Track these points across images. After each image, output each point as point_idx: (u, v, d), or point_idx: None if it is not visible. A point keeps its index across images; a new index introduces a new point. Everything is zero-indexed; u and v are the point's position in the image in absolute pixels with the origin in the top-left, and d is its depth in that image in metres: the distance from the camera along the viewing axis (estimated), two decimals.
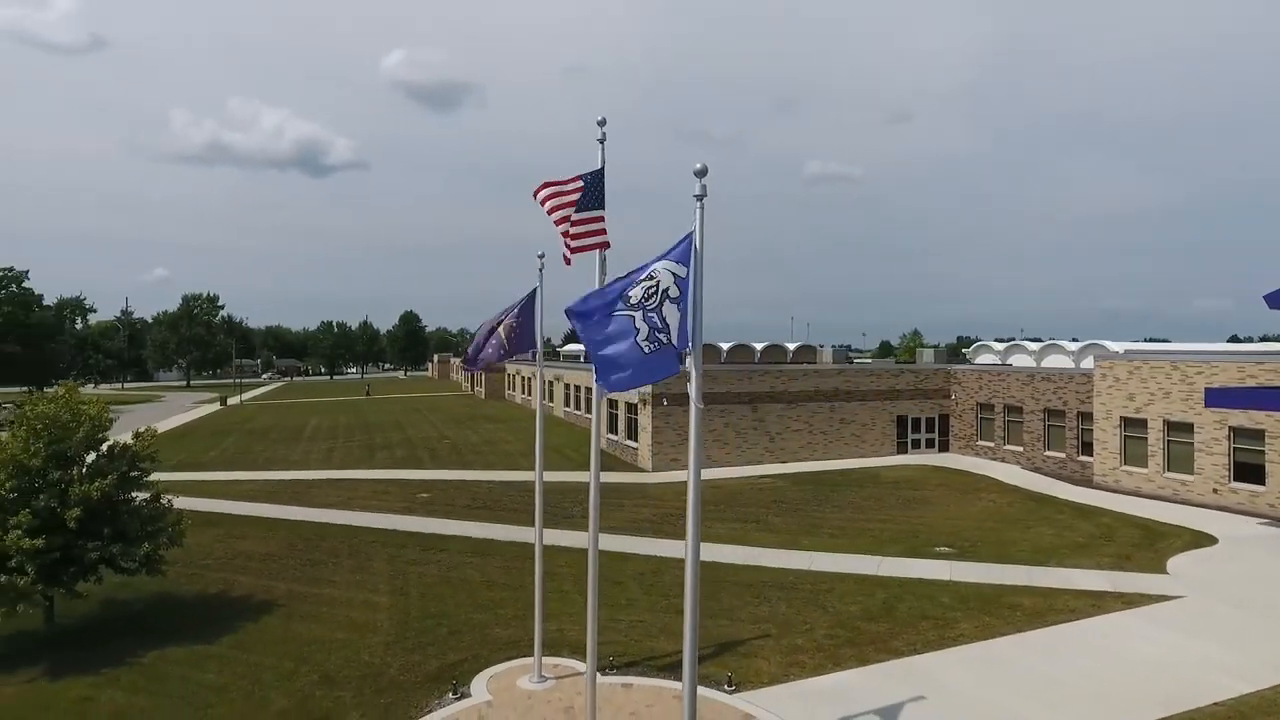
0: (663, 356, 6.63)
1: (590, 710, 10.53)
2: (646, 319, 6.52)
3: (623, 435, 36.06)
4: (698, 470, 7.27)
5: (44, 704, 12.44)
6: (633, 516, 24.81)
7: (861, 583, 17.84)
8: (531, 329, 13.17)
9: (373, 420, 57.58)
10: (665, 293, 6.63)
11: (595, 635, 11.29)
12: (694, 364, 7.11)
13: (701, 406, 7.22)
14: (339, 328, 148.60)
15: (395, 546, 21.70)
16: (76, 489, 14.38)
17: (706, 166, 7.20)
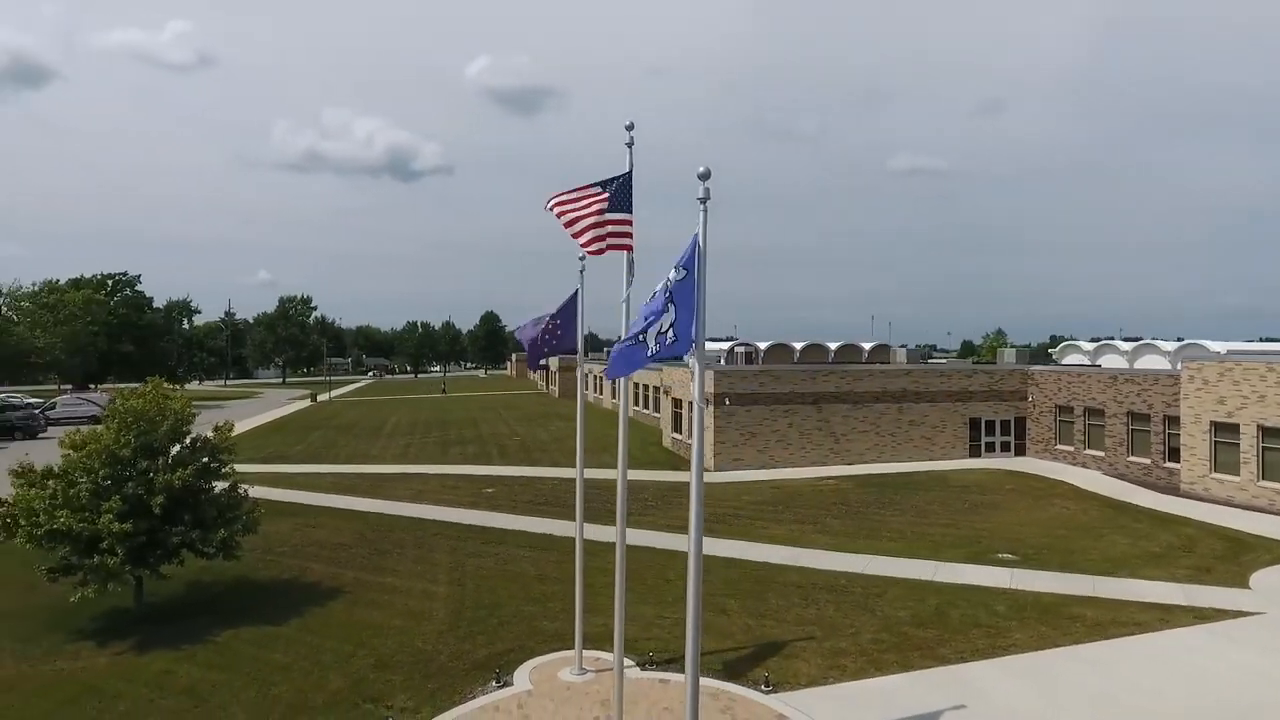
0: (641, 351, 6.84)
1: (618, 701, 10.76)
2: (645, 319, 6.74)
3: (686, 434, 36.18)
4: (700, 468, 7.41)
5: (129, 676, 13.53)
6: (682, 515, 24.86)
7: (915, 588, 17.49)
8: (573, 330, 13.50)
9: (449, 417, 59.47)
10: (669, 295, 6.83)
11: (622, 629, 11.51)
12: (697, 363, 7.26)
13: (704, 405, 7.36)
14: (423, 328, 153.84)
15: (457, 539, 22.49)
16: (161, 478, 15.55)
17: (709, 170, 7.33)
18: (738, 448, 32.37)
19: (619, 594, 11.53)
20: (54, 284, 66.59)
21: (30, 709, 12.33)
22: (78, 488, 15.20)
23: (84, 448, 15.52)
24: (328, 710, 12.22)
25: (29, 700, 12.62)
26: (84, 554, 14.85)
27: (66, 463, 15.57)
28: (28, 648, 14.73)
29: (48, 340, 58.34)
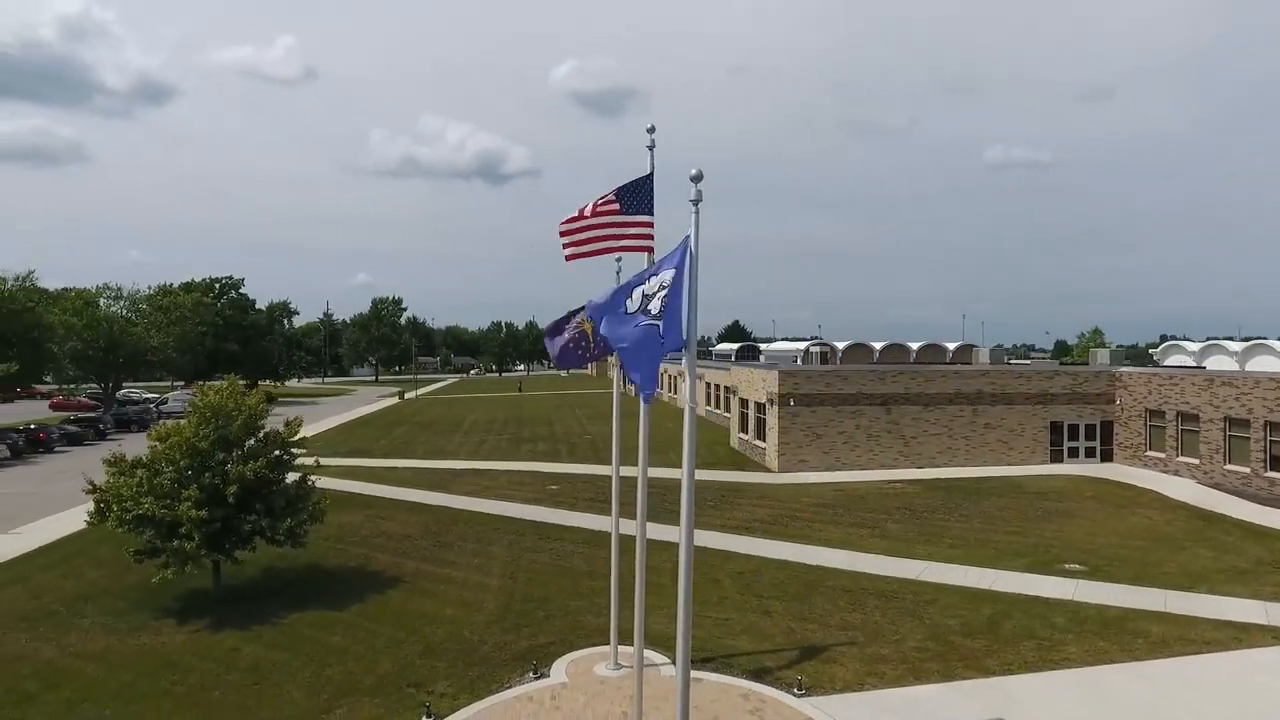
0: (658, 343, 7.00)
1: (638, 699, 10.93)
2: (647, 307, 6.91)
3: (752, 435, 35.95)
4: (691, 464, 7.50)
5: (201, 652, 14.59)
6: (747, 516, 24.84)
7: (970, 596, 16.95)
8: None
9: (526, 415, 60.86)
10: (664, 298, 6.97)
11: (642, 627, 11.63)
12: (688, 364, 7.36)
13: (694, 405, 7.45)
14: (507, 327, 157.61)
15: (516, 534, 23.12)
16: (235, 469, 16.67)
17: (702, 173, 7.42)
18: (802, 449, 31.94)
19: (639, 592, 11.69)
20: (167, 288, 71.77)
21: (113, 679, 13.46)
22: (162, 477, 16.46)
23: (167, 440, 16.80)
24: (373, 692, 12.86)
25: (113, 671, 13.79)
26: (165, 538, 16.08)
27: (153, 454, 16.89)
28: (117, 622, 16.06)
29: (161, 340, 62.84)
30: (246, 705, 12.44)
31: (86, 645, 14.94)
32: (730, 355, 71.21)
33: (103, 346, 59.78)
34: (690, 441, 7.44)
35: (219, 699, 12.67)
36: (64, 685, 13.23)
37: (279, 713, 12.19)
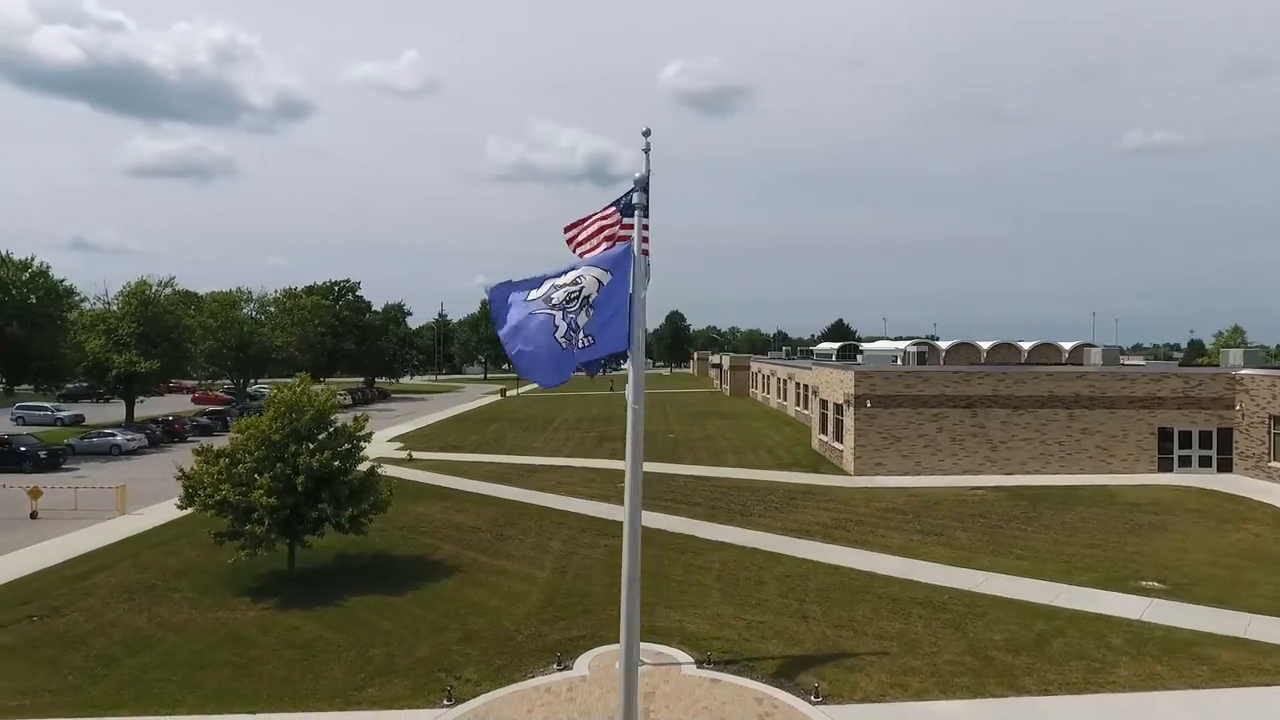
0: (569, 356, 7.11)
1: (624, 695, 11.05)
2: (566, 319, 7.04)
3: (831, 437, 35.14)
4: (637, 467, 7.61)
5: (266, 628, 15.84)
6: (810, 519, 24.39)
7: (1025, 610, 16.07)
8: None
9: (616, 413, 61.69)
10: (586, 299, 7.09)
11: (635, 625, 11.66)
12: (633, 365, 7.49)
13: (639, 408, 7.56)
14: None
15: (576, 529, 23.67)
16: (304, 460, 17.96)
17: (647, 176, 7.52)
18: (880, 452, 30.96)
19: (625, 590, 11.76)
20: (292, 291, 77.41)
21: (186, 647, 14.85)
22: (240, 466, 17.95)
23: (245, 432, 18.31)
24: (406, 674, 13.61)
25: (189, 641, 15.20)
26: (241, 522, 17.54)
27: (233, 445, 18.44)
28: (202, 598, 17.65)
29: (285, 339, 67.88)
30: (292, 679, 13.45)
31: (172, 617, 16.51)
32: (831, 355, 69.68)
33: (234, 346, 65.10)
34: (634, 443, 7.56)
35: (270, 672, 13.75)
36: (145, 652, 14.71)
37: (317, 687, 13.11)
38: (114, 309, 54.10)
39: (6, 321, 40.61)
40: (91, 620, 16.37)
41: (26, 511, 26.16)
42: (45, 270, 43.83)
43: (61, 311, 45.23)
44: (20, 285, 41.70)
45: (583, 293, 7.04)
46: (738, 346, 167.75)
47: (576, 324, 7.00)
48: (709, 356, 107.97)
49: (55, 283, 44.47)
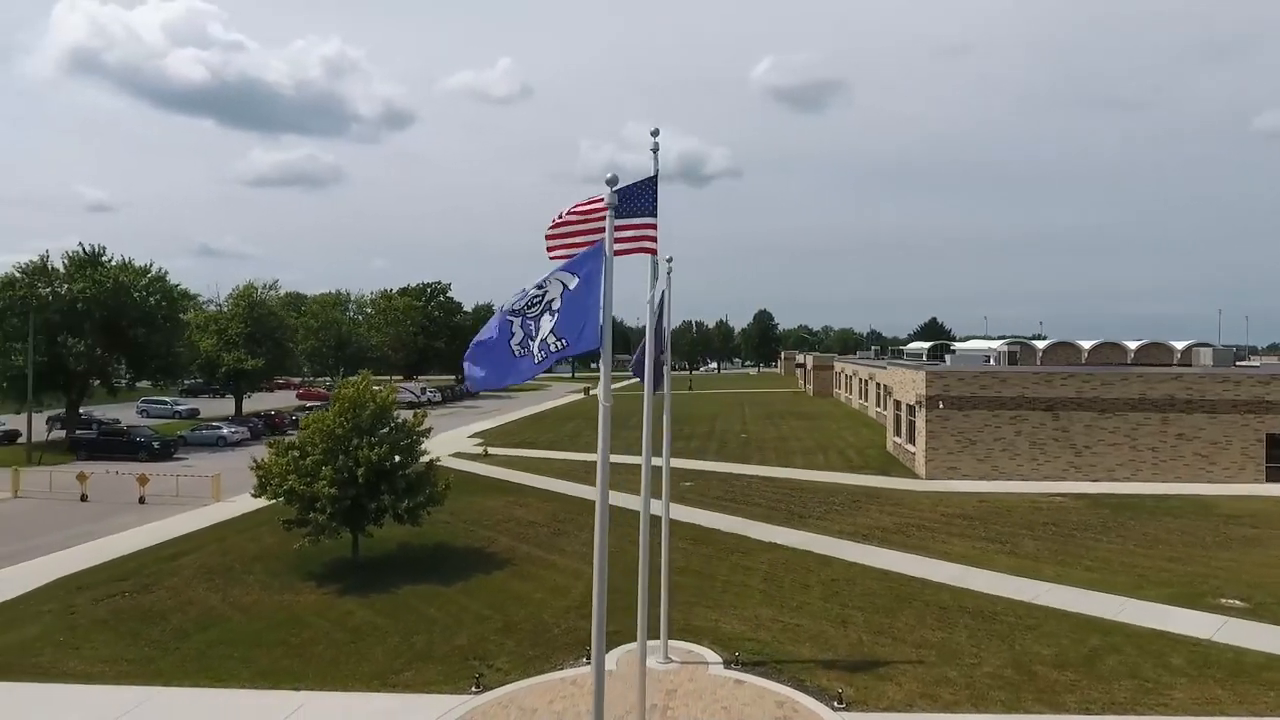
0: (527, 361, 7.26)
1: (640, 691, 11.16)
2: (524, 325, 7.21)
3: (904, 439, 34.07)
4: (605, 468, 7.72)
5: (322, 611, 16.77)
6: (870, 523, 23.79)
7: (1082, 625, 15.22)
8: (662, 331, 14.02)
9: (693, 413, 61.69)
10: (548, 304, 7.25)
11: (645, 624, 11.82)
12: (603, 364, 7.60)
13: (608, 404, 7.67)
14: (698, 326, 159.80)
15: (629, 526, 23.69)
16: (364, 453, 18.90)
17: (617, 176, 7.63)
18: (953, 455, 29.80)
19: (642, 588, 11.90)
20: (387, 293, 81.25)
21: (249, 626, 15.91)
22: (308, 458, 19.06)
23: (311, 426, 19.42)
24: (442, 660, 14.16)
25: (253, 620, 16.28)
26: (305, 511, 18.62)
27: (301, 438, 19.59)
28: (271, 581, 18.84)
29: (379, 339, 71.33)
30: (338, 660, 14.22)
31: (242, 597, 17.71)
32: (921, 355, 67.39)
33: (333, 345, 68.95)
34: (604, 442, 7.67)
35: (319, 652, 14.58)
36: (213, 628, 15.86)
37: (359, 669, 13.81)
38: (224, 310, 58.24)
39: (129, 323, 44.32)
40: (173, 598, 17.75)
41: (136, 497, 28.53)
42: (163, 275, 47.55)
43: (177, 313, 48.98)
44: (140, 289, 45.43)
45: (545, 297, 7.20)
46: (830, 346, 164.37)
47: (534, 331, 7.15)
48: (795, 356, 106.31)
49: (171, 286, 48.18)
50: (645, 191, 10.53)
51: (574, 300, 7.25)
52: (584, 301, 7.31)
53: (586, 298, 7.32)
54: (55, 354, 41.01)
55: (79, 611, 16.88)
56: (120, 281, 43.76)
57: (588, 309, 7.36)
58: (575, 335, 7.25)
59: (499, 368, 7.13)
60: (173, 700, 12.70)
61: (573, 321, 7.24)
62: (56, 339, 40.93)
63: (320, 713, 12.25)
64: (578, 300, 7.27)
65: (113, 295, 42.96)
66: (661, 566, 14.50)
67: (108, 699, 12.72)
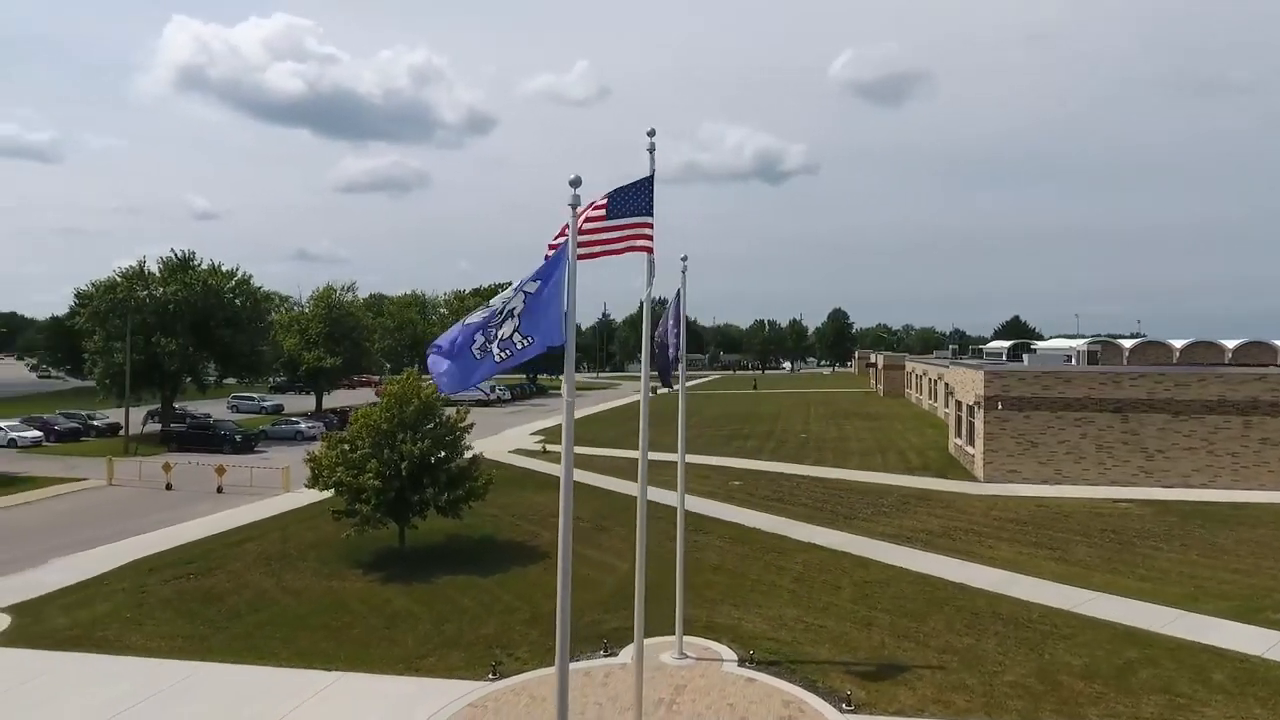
0: (489, 362, 7.51)
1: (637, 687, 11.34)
2: (485, 333, 7.47)
3: (964, 440, 33.02)
4: (569, 469, 7.93)
5: (364, 598, 17.59)
6: (916, 525, 23.24)
7: (1120, 636, 14.58)
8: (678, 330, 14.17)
9: (757, 411, 61.20)
10: (511, 312, 7.49)
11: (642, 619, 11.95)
12: (566, 361, 7.82)
13: (571, 400, 7.89)
14: (769, 325, 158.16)
15: (670, 524, 23.88)
16: (406, 448, 19.69)
17: (580, 178, 7.86)
18: (1013, 458, 28.71)
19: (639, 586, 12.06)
20: (459, 293, 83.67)
21: (297, 610, 16.83)
22: (357, 451, 19.99)
23: (359, 421, 20.35)
24: (467, 648, 14.69)
25: (300, 604, 17.23)
26: (352, 502, 19.55)
27: (350, 432, 20.56)
28: (322, 568, 19.85)
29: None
30: (370, 643, 14.93)
31: (294, 582, 18.74)
32: (1001, 355, 65.01)
33: (409, 345, 71.44)
34: (568, 440, 7.89)
35: (355, 636, 15.33)
36: (263, 610, 16.86)
37: (388, 653, 14.47)
38: (306, 311, 61.23)
39: (217, 324, 47.19)
40: (232, 581, 18.93)
41: (214, 486, 30.43)
42: (247, 279, 50.41)
43: (261, 314, 51.85)
44: (227, 292, 48.32)
45: (507, 306, 7.45)
46: (910, 346, 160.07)
47: (494, 335, 7.41)
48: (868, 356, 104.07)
49: (255, 289, 51.03)
50: (641, 191, 10.71)
51: (536, 300, 7.50)
52: (549, 300, 7.55)
53: (551, 297, 7.57)
54: (151, 353, 43.99)
55: (148, 591, 18.20)
56: (208, 284, 46.63)
57: (552, 307, 7.60)
58: (539, 332, 7.50)
59: (468, 370, 7.43)
60: (215, 674, 13.61)
61: (536, 320, 7.49)
62: (151, 339, 43.91)
63: (345, 692, 12.92)
64: (541, 300, 7.52)
65: (201, 297, 45.81)
66: (677, 564, 14.62)
67: (158, 671, 13.73)
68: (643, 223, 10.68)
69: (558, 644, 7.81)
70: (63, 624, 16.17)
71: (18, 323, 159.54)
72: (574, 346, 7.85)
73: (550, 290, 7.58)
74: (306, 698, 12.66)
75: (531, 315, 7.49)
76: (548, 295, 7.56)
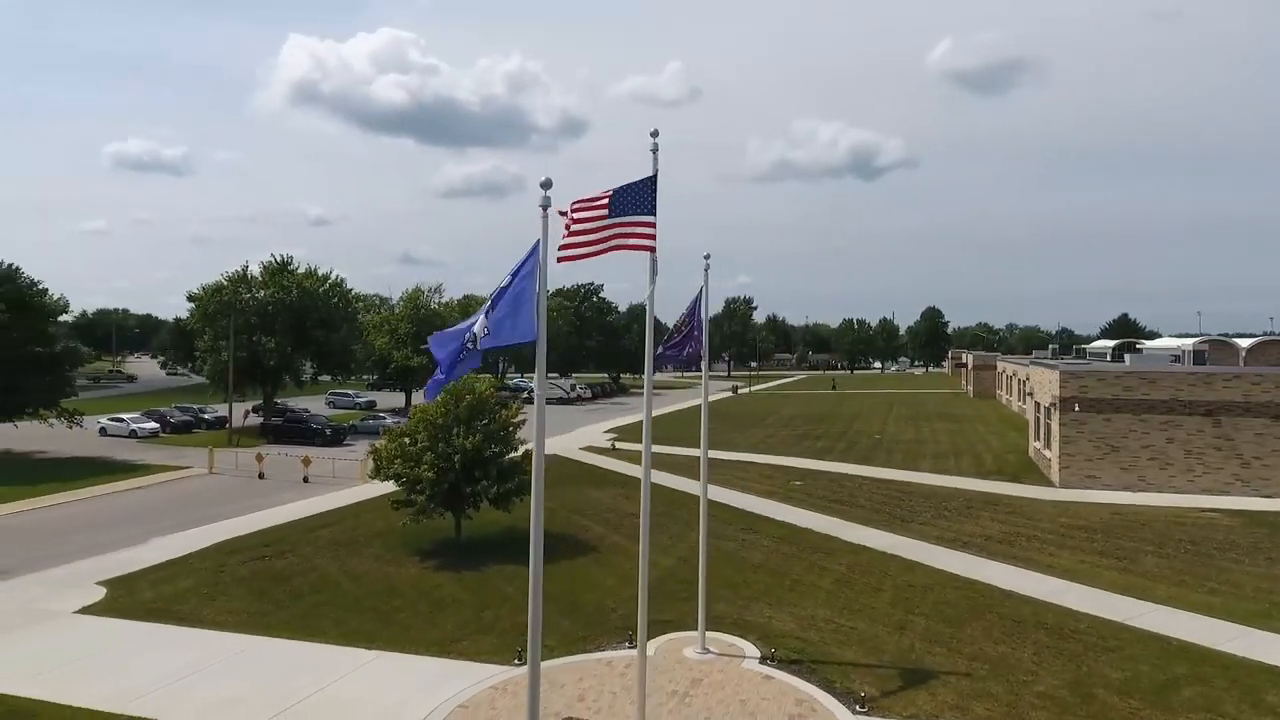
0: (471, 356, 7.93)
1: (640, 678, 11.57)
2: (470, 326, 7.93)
3: (1042, 443, 31.52)
4: (541, 446, 8.27)
5: (416, 584, 18.49)
6: (976, 530, 22.48)
7: (1171, 651, 13.78)
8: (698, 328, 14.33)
9: (835, 411, 60.05)
10: (486, 308, 7.92)
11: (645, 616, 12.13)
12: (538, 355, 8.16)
13: (541, 393, 8.22)
14: (859, 325, 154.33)
15: (722, 522, 24.08)
16: (458, 442, 20.56)
17: (551, 180, 8.19)
18: (1092, 463, 27.24)
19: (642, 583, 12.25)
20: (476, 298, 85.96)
21: (353, 592, 17.88)
22: (416, 445, 21.02)
23: (416, 416, 21.38)
24: (500, 634, 15.27)
25: (357, 586, 18.29)
26: (409, 493, 20.57)
27: (409, 425, 21.62)
28: (384, 554, 20.94)
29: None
30: (414, 626, 15.73)
31: (354, 567, 19.88)
32: (1105, 355, 61.49)
33: None
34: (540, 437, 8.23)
35: (400, 619, 16.18)
36: (324, 591, 18.00)
37: (427, 636, 15.22)
38: (395, 312, 64.19)
39: (313, 324, 50.15)
40: (301, 564, 20.24)
41: (300, 476, 32.46)
42: (340, 282, 53.34)
43: (353, 315, 54.75)
44: (322, 294, 51.26)
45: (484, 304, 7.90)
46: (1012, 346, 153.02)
47: (472, 329, 7.86)
48: (960, 355, 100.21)
49: (347, 291, 53.92)
50: (644, 191, 10.95)
51: (500, 296, 7.89)
52: (514, 298, 7.92)
53: (520, 293, 7.94)
54: (253, 351, 47.19)
55: (226, 570, 19.70)
56: (304, 287, 49.59)
57: (520, 304, 7.96)
58: (498, 326, 7.88)
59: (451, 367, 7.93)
60: (269, 648, 14.68)
61: (504, 314, 7.88)
62: (253, 338, 47.10)
63: (380, 669, 13.72)
64: (504, 296, 7.90)
65: (298, 299, 48.78)
66: (700, 561, 14.77)
67: (220, 643, 14.92)
68: (645, 221, 10.91)
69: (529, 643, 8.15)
70: (149, 597, 17.74)
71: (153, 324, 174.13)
72: (545, 343, 8.19)
73: (518, 286, 7.95)
74: (346, 673, 13.53)
75: (497, 310, 7.88)
76: (516, 291, 7.93)
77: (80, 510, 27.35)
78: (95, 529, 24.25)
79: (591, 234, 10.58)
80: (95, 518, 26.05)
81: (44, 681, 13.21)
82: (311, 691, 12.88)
